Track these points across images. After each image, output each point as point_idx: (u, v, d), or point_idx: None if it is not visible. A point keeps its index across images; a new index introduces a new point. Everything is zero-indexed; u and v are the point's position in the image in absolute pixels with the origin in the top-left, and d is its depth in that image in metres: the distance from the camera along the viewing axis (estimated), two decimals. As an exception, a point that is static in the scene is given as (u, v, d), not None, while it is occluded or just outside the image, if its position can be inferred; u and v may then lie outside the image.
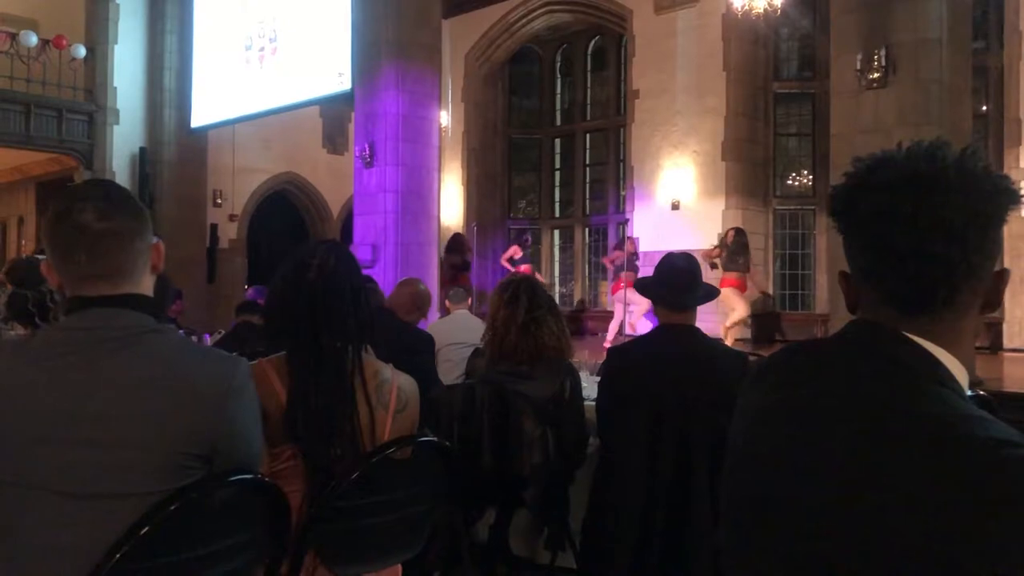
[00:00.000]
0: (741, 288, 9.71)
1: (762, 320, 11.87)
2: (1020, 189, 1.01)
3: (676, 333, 3.05)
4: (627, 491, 2.95)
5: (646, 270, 10.50)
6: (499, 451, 3.10)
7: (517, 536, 3.52)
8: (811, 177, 12.98)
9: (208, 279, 13.32)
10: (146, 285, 1.56)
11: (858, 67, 6.34)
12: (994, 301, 1.02)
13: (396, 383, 2.01)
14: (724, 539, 1.16)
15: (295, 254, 2.04)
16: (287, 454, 1.84)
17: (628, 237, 11.84)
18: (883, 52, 6.21)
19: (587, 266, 15.54)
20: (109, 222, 1.48)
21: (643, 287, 3.17)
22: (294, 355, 1.94)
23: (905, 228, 0.99)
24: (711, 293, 3.28)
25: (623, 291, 10.54)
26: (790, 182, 13.20)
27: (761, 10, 9.88)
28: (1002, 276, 1.01)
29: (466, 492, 2.95)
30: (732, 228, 10.31)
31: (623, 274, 10.66)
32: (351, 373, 1.93)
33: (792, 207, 13.03)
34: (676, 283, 3.10)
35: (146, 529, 1.37)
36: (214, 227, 13.74)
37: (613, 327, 11.00)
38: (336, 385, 1.91)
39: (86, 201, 1.49)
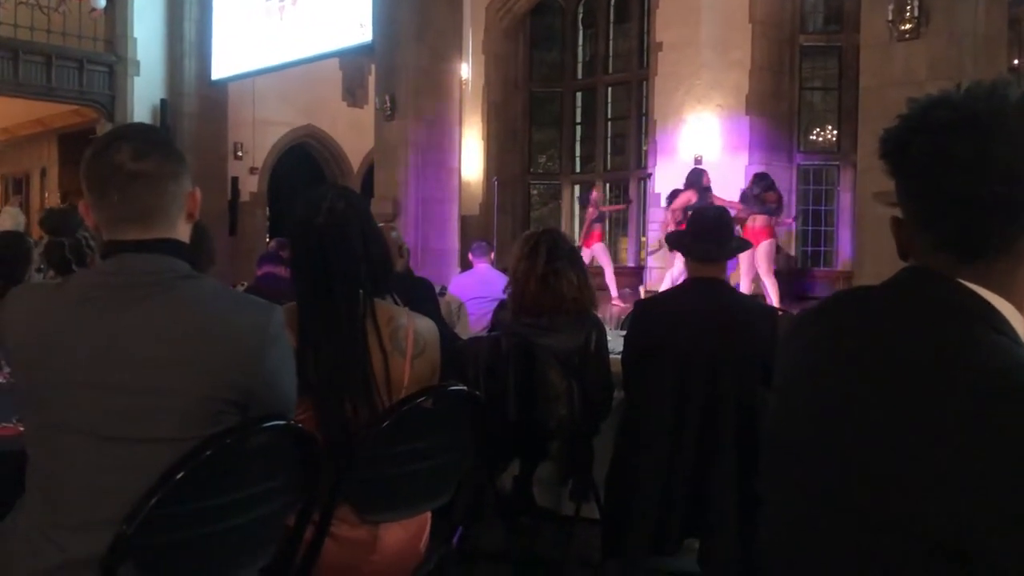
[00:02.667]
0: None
1: (784, 277, 11.78)
2: None
3: (705, 286, 3.02)
4: (652, 444, 2.95)
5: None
6: (524, 403, 3.10)
7: (541, 487, 3.54)
8: (836, 132, 12.80)
9: (230, 232, 13.35)
10: (181, 231, 1.55)
11: (890, 18, 6.19)
12: None
13: (412, 327, 1.97)
14: (764, 490, 1.15)
15: (305, 198, 2.01)
16: (303, 405, 1.83)
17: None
18: (916, 2, 6.05)
19: (607, 222, 15.42)
20: (144, 163, 1.47)
21: (674, 240, 3.14)
22: (304, 302, 1.93)
23: (962, 171, 0.95)
24: (743, 245, 3.25)
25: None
26: (814, 137, 13.02)
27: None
28: None
29: (491, 444, 2.96)
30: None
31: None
32: (363, 319, 1.91)
33: (816, 163, 12.87)
34: (705, 235, 3.06)
35: (181, 474, 1.38)
36: (235, 180, 13.75)
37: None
38: (347, 332, 1.88)
39: (123, 140, 1.48)
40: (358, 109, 15.06)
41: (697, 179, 10.05)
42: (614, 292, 11.36)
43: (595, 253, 11.64)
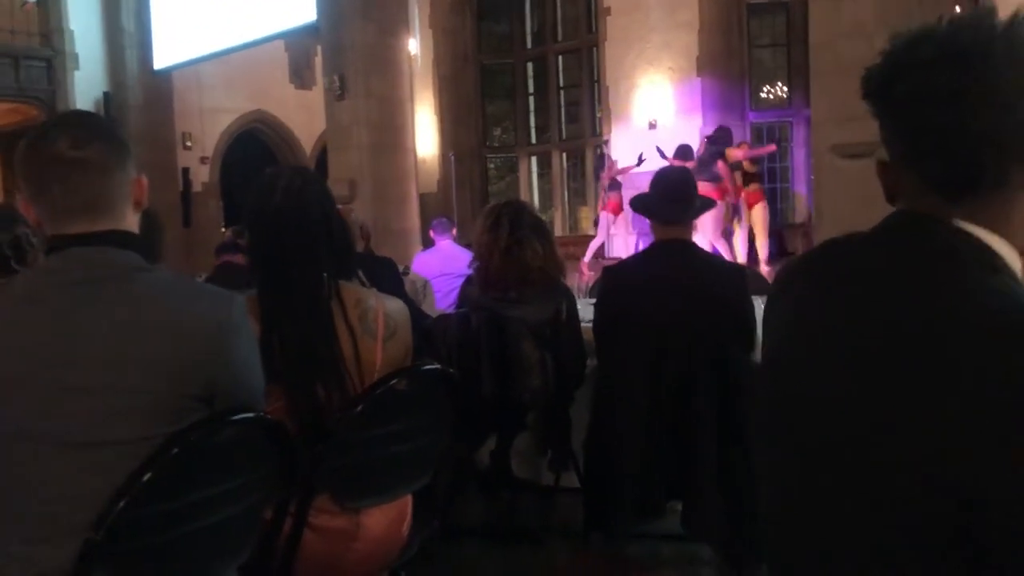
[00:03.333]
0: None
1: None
2: None
3: (671, 248, 3.00)
4: (630, 410, 2.93)
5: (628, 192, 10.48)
6: (498, 377, 3.06)
7: (519, 460, 3.51)
8: (787, 89, 12.85)
9: (184, 223, 13.11)
10: (130, 221, 1.47)
11: (837, -31, 6.18)
12: None
13: (382, 309, 1.91)
14: (759, 451, 1.12)
15: (260, 179, 1.93)
16: (274, 394, 1.76)
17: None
18: (862, -48, 6.04)
19: (566, 192, 15.41)
20: (85, 150, 1.38)
21: (638, 204, 3.10)
22: (265, 287, 1.86)
23: (949, 104, 0.92)
24: (707, 204, 3.22)
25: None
26: (766, 95, 13.07)
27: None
28: None
29: (467, 419, 2.92)
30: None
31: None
32: (327, 302, 1.84)
33: (770, 120, 12.93)
34: (669, 196, 3.03)
35: (149, 475, 1.32)
36: (186, 170, 13.48)
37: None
38: (311, 316, 1.82)
39: (60, 128, 1.40)
40: (307, 91, 14.80)
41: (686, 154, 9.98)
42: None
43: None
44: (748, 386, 2.93)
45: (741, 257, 9.46)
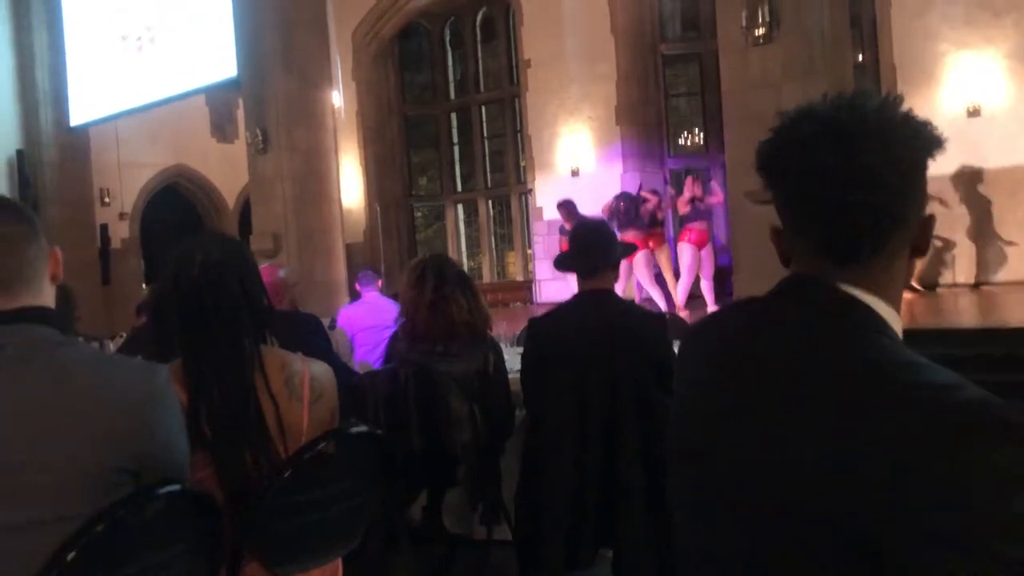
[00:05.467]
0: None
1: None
2: (932, 132, 1.03)
3: (593, 298, 3.08)
4: (558, 458, 2.97)
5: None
6: (428, 432, 3.08)
7: (451, 514, 3.51)
8: (702, 135, 13.27)
9: (102, 281, 12.79)
10: (47, 295, 1.47)
11: (744, 24, 6.48)
12: (922, 246, 1.04)
13: (308, 372, 1.93)
14: (671, 494, 1.17)
15: (178, 251, 1.95)
16: (202, 462, 1.76)
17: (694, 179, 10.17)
18: (766, 8, 6.35)
19: (493, 239, 15.55)
20: None
21: (560, 262, 3.19)
22: (190, 357, 1.87)
23: (828, 180, 1.00)
24: (628, 250, 3.32)
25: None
26: (683, 142, 13.47)
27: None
28: (929, 222, 1.04)
29: (398, 476, 2.92)
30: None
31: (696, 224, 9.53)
32: (250, 368, 1.86)
33: (687, 166, 13.30)
34: (585, 249, 3.12)
35: (73, 554, 1.30)
36: (104, 227, 13.18)
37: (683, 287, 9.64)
38: (237, 383, 1.83)
39: None
40: (229, 144, 14.72)
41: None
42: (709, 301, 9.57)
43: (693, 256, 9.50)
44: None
45: (679, 300, 9.55)
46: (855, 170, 0.99)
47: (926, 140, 1.01)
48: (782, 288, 1.07)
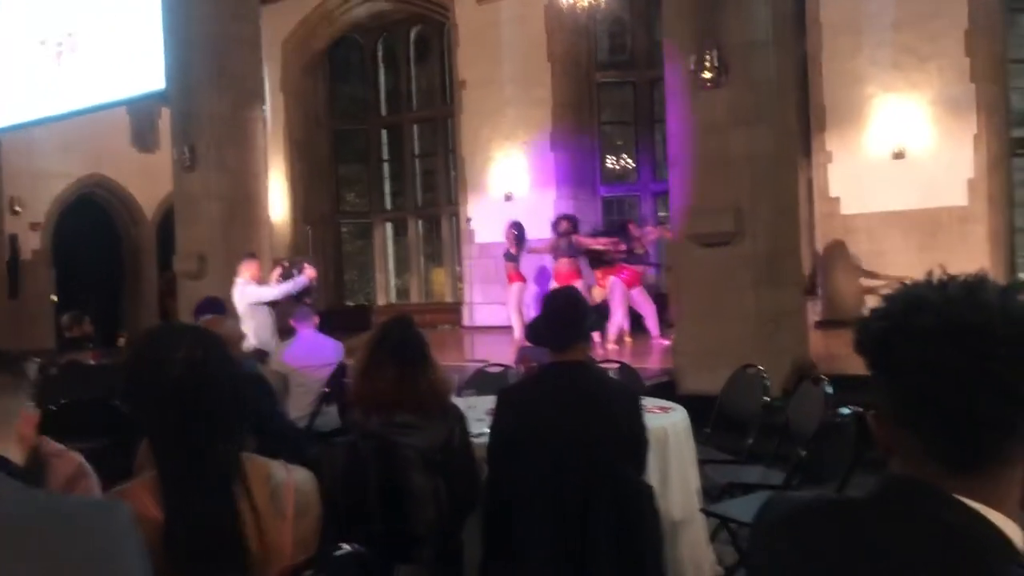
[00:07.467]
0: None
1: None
2: None
3: (568, 373, 2.97)
4: (526, 539, 2.85)
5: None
6: (389, 510, 2.91)
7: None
8: (635, 164, 13.38)
9: (10, 294, 12.13)
10: (12, 449, 1.28)
11: (692, 68, 6.49)
12: None
13: (292, 484, 1.76)
14: None
15: (149, 345, 1.76)
16: None
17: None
18: (715, 53, 6.37)
19: (422, 258, 15.35)
20: None
21: (532, 335, 3.08)
22: (167, 470, 1.68)
23: (953, 385, 0.91)
24: (598, 323, 3.23)
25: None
26: (615, 167, 13.55)
27: (587, 3, 9.98)
28: None
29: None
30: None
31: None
32: (234, 481, 1.67)
33: (619, 194, 13.41)
34: (556, 323, 3.02)
35: None
36: (13, 237, 12.53)
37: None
38: (219, 500, 1.65)
39: None
40: (150, 154, 14.14)
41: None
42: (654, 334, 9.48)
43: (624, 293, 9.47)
44: (646, 511, 2.92)
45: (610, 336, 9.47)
46: (984, 375, 0.90)
47: None
48: (894, 494, 0.97)
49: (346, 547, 1.80)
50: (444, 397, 3.11)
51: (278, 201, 14.42)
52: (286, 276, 8.12)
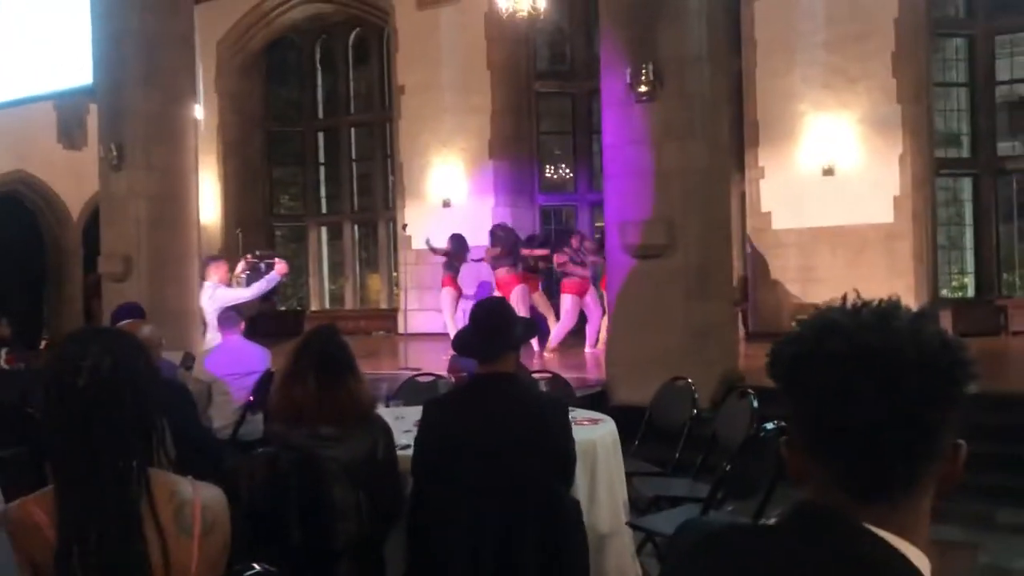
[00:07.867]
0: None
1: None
2: (970, 357, 0.93)
3: (495, 385, 2.94)
4: (451, 556, 2.82)
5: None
6: (309, 523, 2.84)
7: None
8: (572, 173, 13.44)
9: (-79, 296, 11.65)
10: None
11: (628, 80, 6.53)
12: (956, 478, 0.95)
13: (199, 501, 1.69)
14: None
15: (58, 353, 1.67)
16: None
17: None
18: (650, 67, 6.42)
19: (357, 263, 15.18)
20: None
21: (460, 347, 3.04)
22: (64, 484, 1.59)
23: (861, 408, 0.89)
24: (528, 332, 3.20)
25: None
26: (553, 177, 13.59)
27: (526, 13, 9.98)
28: (961, 452, 0.95)
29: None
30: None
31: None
32: (138, 499, 1.61)
33: (556, 204, 13.46)
34: (485, 334, 3.00)
35: None
36: (-75, 235, 12.04)
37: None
38: (120, 519, 1.58)
39: None
40: (77, 152, 13.69)
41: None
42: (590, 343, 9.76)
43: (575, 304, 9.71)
44: (572, 527, 2.90)
45: (551, 343, 9.61)
46: (893, 400, 0.89)
47: (963, 368, 0.92)
48: (800, 522, 0.95)
49: (256, 567, 1.73)
50: (367, 408, 3.05)
51: (209, 203, 14.08)
52: (253, 271, 7.94)
